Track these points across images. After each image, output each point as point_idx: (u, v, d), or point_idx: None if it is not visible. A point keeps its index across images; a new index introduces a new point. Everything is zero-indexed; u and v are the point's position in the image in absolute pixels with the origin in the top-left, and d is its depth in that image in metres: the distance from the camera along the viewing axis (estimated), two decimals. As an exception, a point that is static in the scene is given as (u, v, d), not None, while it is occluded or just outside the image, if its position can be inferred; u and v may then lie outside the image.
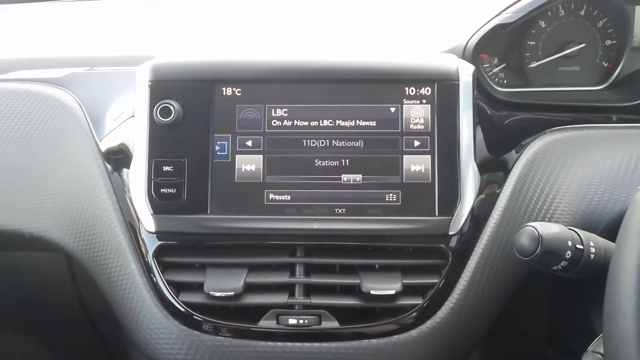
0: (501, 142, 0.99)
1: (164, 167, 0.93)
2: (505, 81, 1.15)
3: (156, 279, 0.93)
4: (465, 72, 0.94)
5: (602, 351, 0.77)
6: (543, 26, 1.12)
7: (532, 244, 0.78)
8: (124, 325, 0.95)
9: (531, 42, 1.13)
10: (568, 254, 0.78)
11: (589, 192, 0.96)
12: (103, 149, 1.00)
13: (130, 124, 0.99)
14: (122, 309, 0.95)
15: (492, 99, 1.07)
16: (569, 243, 0.79)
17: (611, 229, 0.92)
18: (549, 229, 0.78)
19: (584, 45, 1.12)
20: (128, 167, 0.96)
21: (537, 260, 0.78)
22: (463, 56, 1.04)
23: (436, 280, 0.91)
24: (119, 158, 0.99)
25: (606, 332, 0.71)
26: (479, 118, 0.96)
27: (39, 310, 1.22)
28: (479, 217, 0.93)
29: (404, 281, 0.90)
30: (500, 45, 1.13)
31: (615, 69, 1.14)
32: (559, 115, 1.04)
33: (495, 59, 1.14)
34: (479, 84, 1.04)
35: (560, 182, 0.96)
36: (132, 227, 0.95)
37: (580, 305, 1.02)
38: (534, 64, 1.13)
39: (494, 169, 0.96)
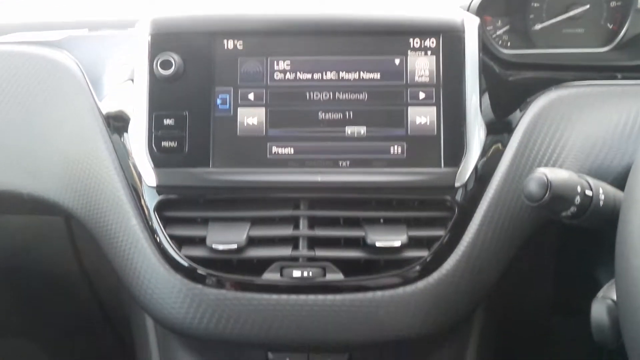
0: (506, 98, 0.98)
1: (164, 121, 0.92)
2: (509, 43, 1.14)
3: (157, 233, 0.91)
4: (471, 24, 0.93)
5: (612, 296, 0.75)
6: None
7: (541, 189, 0.76)
8: (126, 282, 0.94)
9: (535, 4, 1.12)
10: (577, 200, 0.77)
11: (595, 147, 0.95)
12: (102, 109, 0.99)
13: (129, 85, 0.98)
14: (124, 266, 0.94)
15: (496, 59, 1.06)
16: (578, 189, 0.78)
17: (618, 183, 0.91)
18: (558, 174, 0.77)
19: (588, 6, 1.11)
20: (128, 125, 0.95)
21: (546, 206, 0.77)
22: None
23: (442, 233, 0.90)
24: (118, 117, 0.98)
25: (618, 272, 0.70)
26: (484, 74, 0.95)
27: (38, 278, 1.21)
28: (484, 170, 0.92)
29: (409, 233, 0.89)
30: (503, 6, 1.12)
31: (620, 31, 1.13)
32: (563, 74, 1.04)
33: (499, 21, 1.13)
34: (483, 45, 1.03)
35: (566, 137, 0.95)
36: (132, 183, 0.94)
37: (586, 267, 1.01)
38: (538, 26, 1.12)
39: (499, 123, 0.95)
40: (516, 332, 1.16)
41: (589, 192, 0.78)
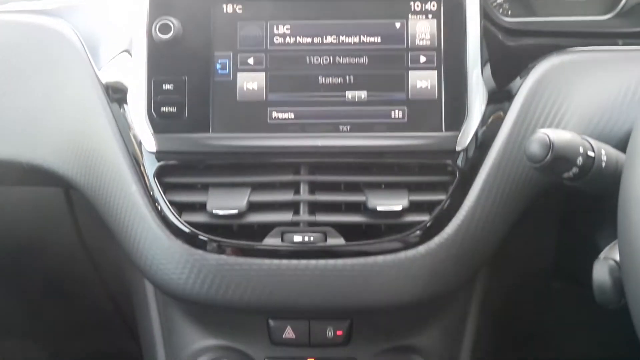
0: (508, 65, 0.98)
1: (164, 86, 0.91)
2: (509, 12, 1.13)
3: (158, 199, 0.91)
4: None
5: (614, 257, 0.75)
6: None
7: (543, 149, 0.76)
8: (127, 249, 0.94)
9: None
10: (579, 161, 0.77)
11: (597, 113, 0.94)
12: (101, 76, 0.98)
13: (128, 54, 0.97)
14: (124, 233, 0.93)
15: (496, 25, 1.05)
16: (580, 150, 0.77)
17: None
18: (560, 135, 0.77)
19: None
20: (127, 94, 0.95)
21: (548, 167, 0.77)
22: None
23: (443, 198, 0.89)
24: (117, 85, 0.97)
25: (621, 232, 0.70)
26: (485, 40, 0.94)
27: (38, 251, 1.21)
28: (486, 136, 0.91)
29: (410, 198, 0.89)
30: None
31: (622, -1, 1.12)
32: (565, 41, 1.03)
33: None
34: (484, 12, 1.03)
35: (567, 102, 0.95)
36: (132, 150, 0.94)
37: (587, 234, 1.01)
38: None
39: (500, 91, 0.95)
40: (517, 298, 1.16)
41: (591, 153, 0.78)
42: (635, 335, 0.68)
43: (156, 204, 0.91)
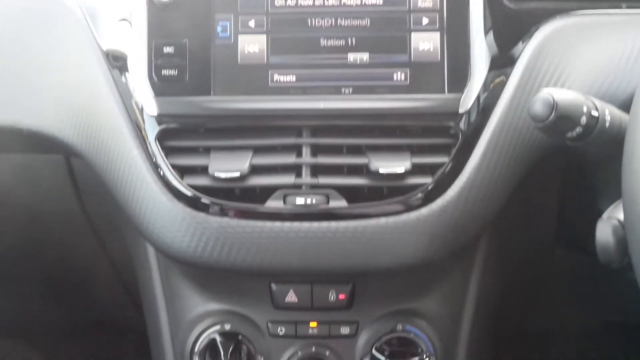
0: (511, 27, 0.97)
1: (164, 49, 0.91)
2: (512, -24, 1.12)
3: (159, 163, 0.91)
4: None
5: (618, 216, 0.75)
6: None
7: (547, 109, 0.75)
8: (129, 213, 0.94)
9: None
10: (583, 120, 0.76)
11: (600, 76, 0.94)
12: (101, 43, 0.98)
13: (127, 22, 0.97)
14: (126, 198, 0.93)
15: None
16: (584, 109, 0.77)
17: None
18: (564, 94, 0.76)
19: None
20: (127, 58, 0.94)
21: (551, 127, 0.76)
22: None
23: (445, 160, 0.89)
24: (118, 52, 0.96)
25: (625, 190, 0.69)
26: (488, 2, 0.93)
27: (39, 219, 1.21)
28: (488, 99, 0.91)
29: (412, 160, 0.89)
30: None
31: (625, -38, 1.11)
32: (568, 4, 1.02)
33: None
34: None
35: (571, 65, 0.94)
36: (133, 114, 0.93)
37: (589, 196, 1.01)
38: None
39: (503, 52, 0.94)
40: (519, 265, 1.16)
41: (594, 113, 0.77)
42: (634, 304, 0.68)
43: (158, 168, 0.91)
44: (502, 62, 0.94)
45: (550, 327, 1.49)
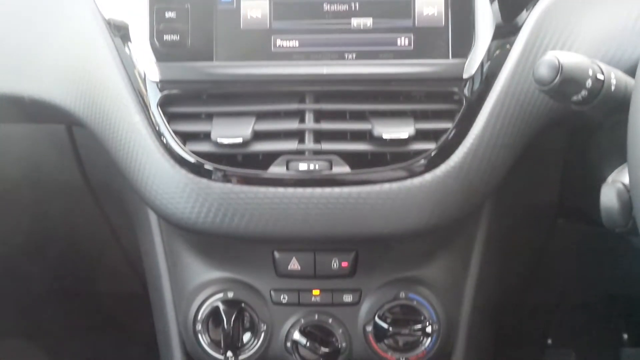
0: None
1: (166, 14, 0.90)
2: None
3: (161, 129, 0.90)
4: None
5: (622, 180, 0.75)
6: None
7: (552, 71, 0.75)
8: (131, 180, 0.93)
9: None
10: (588, 84, 0.76)
11: (605, 42, 0.93)
12: (103, 10, 0.97)
13: None
14: (129, 164, 0.93)
15: None
16: (590, 72, 0.76)
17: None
18: (569, 57, 0.75)
19: None
20: (129, 26, 0.93)
21: (557, 90, 0.75)
22: None
23: (449, 126, 0.89)
24: (119, 19, 0.95)
25: (630, 154, 0.69)
26: None
27: (42, 190, 1.20)
28: (493, 63, 0.90)
29: (416, 126, 0.88)
30: None
31: None
32: None
33: None
34: None
35: (576, 32, 0.93)
36: (135, 81, 0.92)
37: (593, 165, 1.00)
38: None
39: (508, 18, 0.93)
40: (521, 235, 1.16)
41: (600, 76, 0.76)
42: (636, 275, 0.68)
43: (160, 135, 0.90)
44: (506, 30, 0.93)
45: (552, 298, 1.49)
